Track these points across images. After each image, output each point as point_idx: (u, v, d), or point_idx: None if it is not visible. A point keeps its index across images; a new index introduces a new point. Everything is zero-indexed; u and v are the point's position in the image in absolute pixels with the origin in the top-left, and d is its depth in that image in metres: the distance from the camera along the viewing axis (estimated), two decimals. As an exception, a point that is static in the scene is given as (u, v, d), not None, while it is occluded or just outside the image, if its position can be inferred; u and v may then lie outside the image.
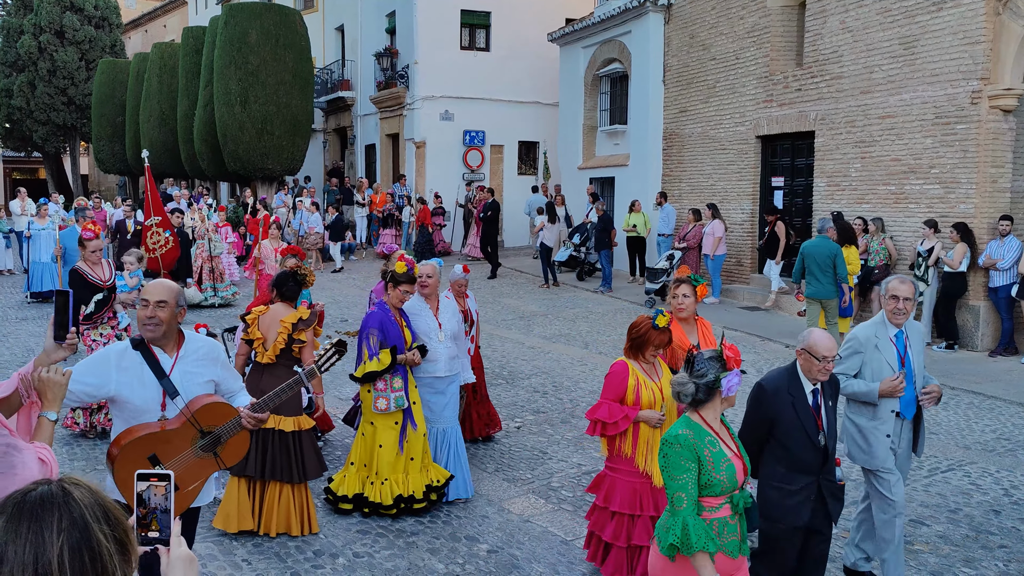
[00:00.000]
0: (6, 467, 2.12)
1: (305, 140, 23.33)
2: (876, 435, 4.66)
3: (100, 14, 34.67)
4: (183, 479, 3.40)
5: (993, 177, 10.95)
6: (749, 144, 14.81)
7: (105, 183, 40.72)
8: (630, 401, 4.41)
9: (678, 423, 3.36)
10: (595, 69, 18.97)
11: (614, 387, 4.45)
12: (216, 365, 3.66)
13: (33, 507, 1.36)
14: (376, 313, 5.71)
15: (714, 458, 3.24)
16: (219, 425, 3.51)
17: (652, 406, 4.41)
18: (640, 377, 4.45)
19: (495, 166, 23.04)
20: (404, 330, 5.72)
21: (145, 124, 28.73)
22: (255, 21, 21.67)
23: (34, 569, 1.31)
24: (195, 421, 3.45)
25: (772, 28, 14.22)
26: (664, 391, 4.46)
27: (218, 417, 3.51)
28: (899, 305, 4.62)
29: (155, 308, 3.45)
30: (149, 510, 1.60)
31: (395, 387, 5.60)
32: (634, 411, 4.39)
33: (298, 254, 7.28)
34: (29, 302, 14.48)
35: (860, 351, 4.68)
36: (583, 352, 11.17)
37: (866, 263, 11.85)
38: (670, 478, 3.22)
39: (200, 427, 3.46)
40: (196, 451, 3.47)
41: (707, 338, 5.07)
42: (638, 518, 4.43)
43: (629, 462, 4.47)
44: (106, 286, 7.38)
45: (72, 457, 6.95)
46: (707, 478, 3.23)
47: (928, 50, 11.41)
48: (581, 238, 17.31)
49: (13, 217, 18.69)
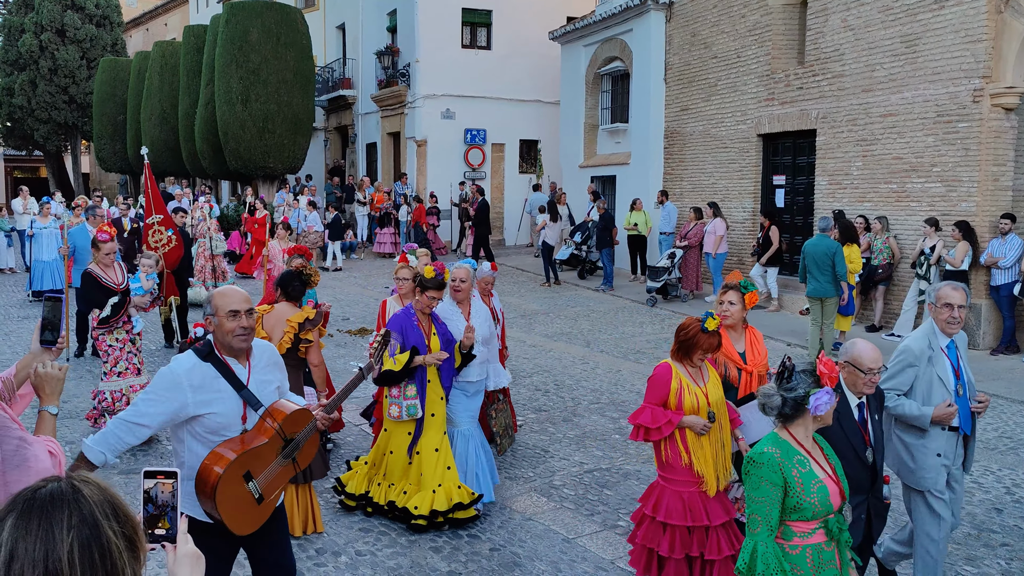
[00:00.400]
0: (20, 461, 2.14)
1: (306, 139, 23.34)
2: (925, 453, 4.31)
3: (101, 12, 34.68)
4: (269, 489, 3.33)
5: (995, 175, 10.95)
6: (750, 142, 14.81)
7: (106, 182, 40.73)
8: (672, 405, 4.18)
9: (765, 440, 3.14)
10: (596, 67, 18.96)
11: (657, 390, 4.21)
12: (279, 369, 3.56)
13: (43, 504, 1.37)
14: (399, 316, 5.52)
15: (804, 479, 3.02)
16: (299, 431, 3.42)
17: (695, 411, 4.16)
18: (684, 381, 4.20)
19: (496, 165, 23.04)
20: (431, 336, 5.48)
21: (146, 123, 28.74)
22: (256, 19, 21.68)
23: (44, 566, 1.32)
24: (282, 432, 3.34)
25: (773, 26, 14.21)
26: (710, 396, 4.21)
27: (299, 423, 3.42)
28: (954, 313, 4.27)
29: (247, 317, 3.29)
30: (157, 507, 1.61)
31: (408, 395, 5.42)
32: (677, 416, 4.13)
33: (305, 254, 7.25)
34: (31, 301, 14.50)
35: (914, 364, 4.31)
36: (584, 351, 11.17)
37: (869, 262, 11.85)
38: (749, 498, 3.05)
39: (285, 436, 3.36)
40: (280, 460, 3.38)
41: (755, 348, 4.76)
42: (694, 529, 4.16)
43: (685, 471, 4.18)
44: (119, 289, 7.25)
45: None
46: (796, 500, 3.01)
47: (930, 48, 11.41)
48: (582, 237, 17.31)
49: (15, 216, 18.69)
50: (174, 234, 10.51)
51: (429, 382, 5.50)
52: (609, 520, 5.76)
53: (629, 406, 8.53)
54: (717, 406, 4.21)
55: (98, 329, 7.12)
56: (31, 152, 38.44)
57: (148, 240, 10.22)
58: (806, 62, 13.63)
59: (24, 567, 1.31)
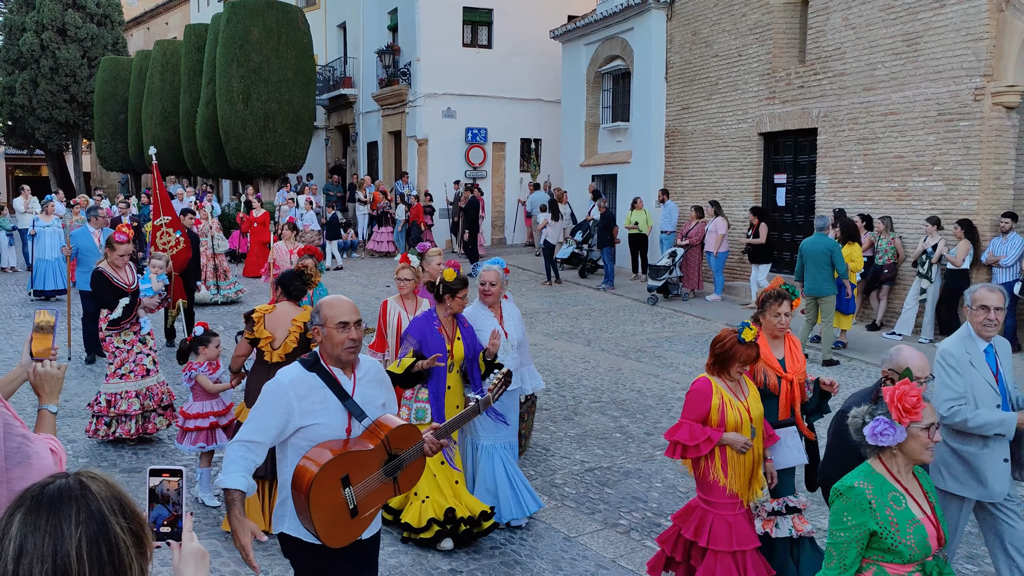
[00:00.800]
0: (22, 457, 2.15)
1: (307, 137, 23.35)
2: (991, 462, 4.01)
3: (102, 11, 34.72)
4: (365, 504, 3.16)
5: (996, 174, 10.95)
6: (751, 141, 14.81)
7: (107, 180, 40.77)
8: (714, 422, 3.93)
9: (857, 472, 2.87)
10: (597, 66, 18.97)
11: (696, 406, 3.97)
12: (384, 387, 3.44)
13: (51, 500, 1.38)
14: (419, 321, 5.25)
15: (899, 518, 2.76)
16: (405, 449, 3.27)
17: (738, 428, 3.92)
18: (725, 396, 3.96)
19: (497, 163, 23.05)
20: (455, 341, 5.17)
21: (147, 122, 28.76)
22: (257, 18, 21.69)
23: (53, 561, 1.33)
24: (388, 443, 3.20)
25: (775, 25, 14.21)
26: (752, 411, 3.99)
27: (406, 440, 3.27)
28: (990, 316, 4.09)
29: (356, 328, 3.21)
30: (162, 504, 1.62)
31: (419, 397, 5.18)
32: (718, 433, 3.89)
33: (316, 255, 7.17)
34: (32, 300, 14.52)
35: (961, 368, 4.07)
36: (585, 349, 11.18)
37: (872, 261, 11.85)
38: (830, 530, 2.86)
39: (390, 450, 3.21)
40: (381, 475, 3.21)
41: (794, 354, 4.48)
42: (746, 553, 3.95)
43: (724, 493, 3.97)
44: (130, 290, 7.19)
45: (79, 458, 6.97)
46: (890, 541, 2.75)
47: (931, 47, 11.41)
48: (583, 235, 17.32)
49: (17, 215, 18.71)
50: (182, 236, 10.32)
51: (449, 388, 5.20)
52: (610, 519, 5.76)
53: (630, 404, 8.54)
54: (758, 421, 4.01)
55: (107, 330, 7.03)
56: (32, 151, 38.48)
57: (156, 241, 10.03)
58: (807, 61, 13.63)
59: (33, 562, 1.33)
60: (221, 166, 24.01)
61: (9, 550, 1.34)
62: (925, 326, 11.32)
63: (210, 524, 5.53)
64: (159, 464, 4.23)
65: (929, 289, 11.20)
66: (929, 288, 11.19)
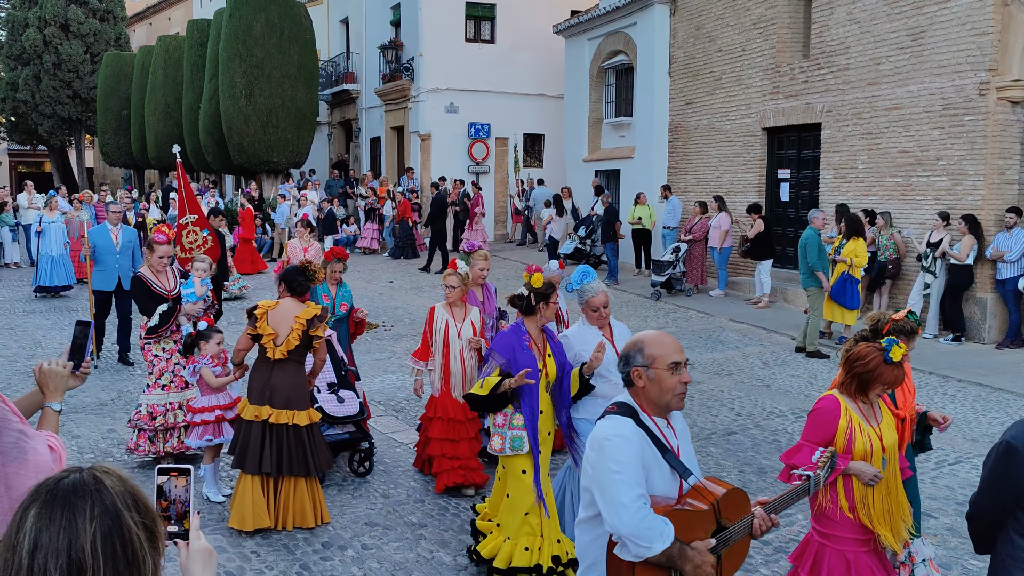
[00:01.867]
0: (19, 453, 2.15)
1: (310, 133, 23.36)
2: None
3: (105, 7, 34.69)
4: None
5: (1001, 169, 10.92)
6: (755, 136, 14.78)
7: (111, 176, 40.81)
8: (840, 448, 3.36)
9: None
10: (600, 61, 18.93)
11: (821, 427, 3.40)
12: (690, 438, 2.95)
13: (66, 494, 1.38)
14: (507, 335, 4.68)
15: None
16: (734, 521, 2.73)
17: (867, 458, 3.34)
18: (855, 420, 3.39)
19: (500, 159, 23.03)
20: (545, 359, 4.62)
21: (150, 117, 28.78)
22: (260, 14, 21.68)
23: (67, 555, 1.34)
24: (718, 511, 2.68)
25: (778, 19, 14.17)
26: (884, 440, 3.41)
27: (734, 510, 2.74)
28: None
29: (686, 369, 2.70)
30: (170, 503, 1.61)
31: (515, 424, 4.55)
32: (844, 461, 3.32)
33: (343, 257, 6.78)
34: (36, 296, 14.52)
35: None
36: (589, 345, 11.16)
37: (875, 257, 11.84)
38: None
39: (719, 519, 2.70)
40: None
41: (907, 386, 4.05)
42: None
43: (848, 525, 3.37)
44: (171, 296, 6.72)
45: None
46: None
47: (936, 41, 11.37)
48: (587, 231, 17.31)
49: (20, 210, 18.72)
50: (209, 234, 9.82)
51: (542, 413, 4.60)
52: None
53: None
54: (891, 451, 3.44)
55: (145, 338, 6.61)
56: (35, 147, 38.50)
57: (182, 241, 9.53)
58: (811, 55, 13.59)
59: (48, 556, 1.33)
60: (224, 162, 24.02)
61: (24, 544, 1.34)
62: (929, 321, 11.30)
63: (215, 520, 5.54)
64: (169, 463, 4.23)
65: (933, 284, 11.18)
66: (933, 283, 11.18)
